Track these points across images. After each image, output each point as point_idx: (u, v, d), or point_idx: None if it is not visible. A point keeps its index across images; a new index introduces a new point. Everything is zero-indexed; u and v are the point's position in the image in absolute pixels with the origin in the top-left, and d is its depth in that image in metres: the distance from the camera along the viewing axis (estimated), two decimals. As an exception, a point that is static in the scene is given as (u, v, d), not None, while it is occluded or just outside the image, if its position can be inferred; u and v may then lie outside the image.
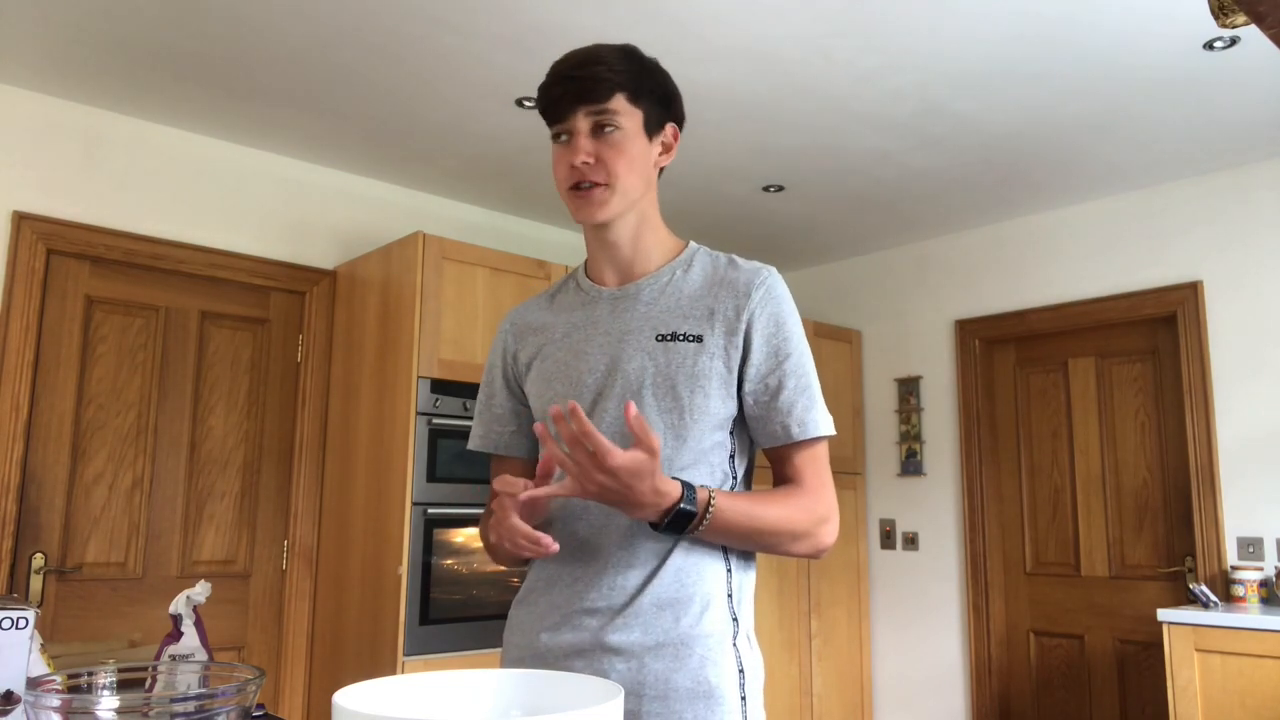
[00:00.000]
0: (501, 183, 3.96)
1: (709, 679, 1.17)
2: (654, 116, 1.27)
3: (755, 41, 2.78)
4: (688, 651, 1.17)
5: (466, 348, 3.38)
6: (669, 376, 1.22)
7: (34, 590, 3.03)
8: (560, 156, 1.25)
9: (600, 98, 1.21)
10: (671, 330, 1.24)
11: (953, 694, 4.34)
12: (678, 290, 1.28)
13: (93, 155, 3.27)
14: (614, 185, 1.23)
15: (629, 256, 1.30)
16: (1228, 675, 3.05)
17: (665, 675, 1.16)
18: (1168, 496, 3.85)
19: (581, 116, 1.22)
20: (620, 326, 1.27)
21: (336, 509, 3.55)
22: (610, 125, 1.22)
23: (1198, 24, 2.67)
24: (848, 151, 3.59)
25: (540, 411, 1.31)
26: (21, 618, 0.91)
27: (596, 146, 1.22)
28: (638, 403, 1.22)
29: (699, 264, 1.30)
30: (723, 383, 1.22)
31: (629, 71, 1.23)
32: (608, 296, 1.31)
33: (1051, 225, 4.23)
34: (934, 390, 4.58)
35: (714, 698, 1.17)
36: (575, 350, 1.29)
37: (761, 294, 1.25)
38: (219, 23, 2.72)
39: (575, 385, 1.26)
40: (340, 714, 0.69)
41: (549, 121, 1.26)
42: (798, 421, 1.22)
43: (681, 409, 1.21)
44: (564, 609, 1.22)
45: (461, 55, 2.89)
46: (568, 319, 1.33)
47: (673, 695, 1.16)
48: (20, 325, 3.06)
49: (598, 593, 1.20)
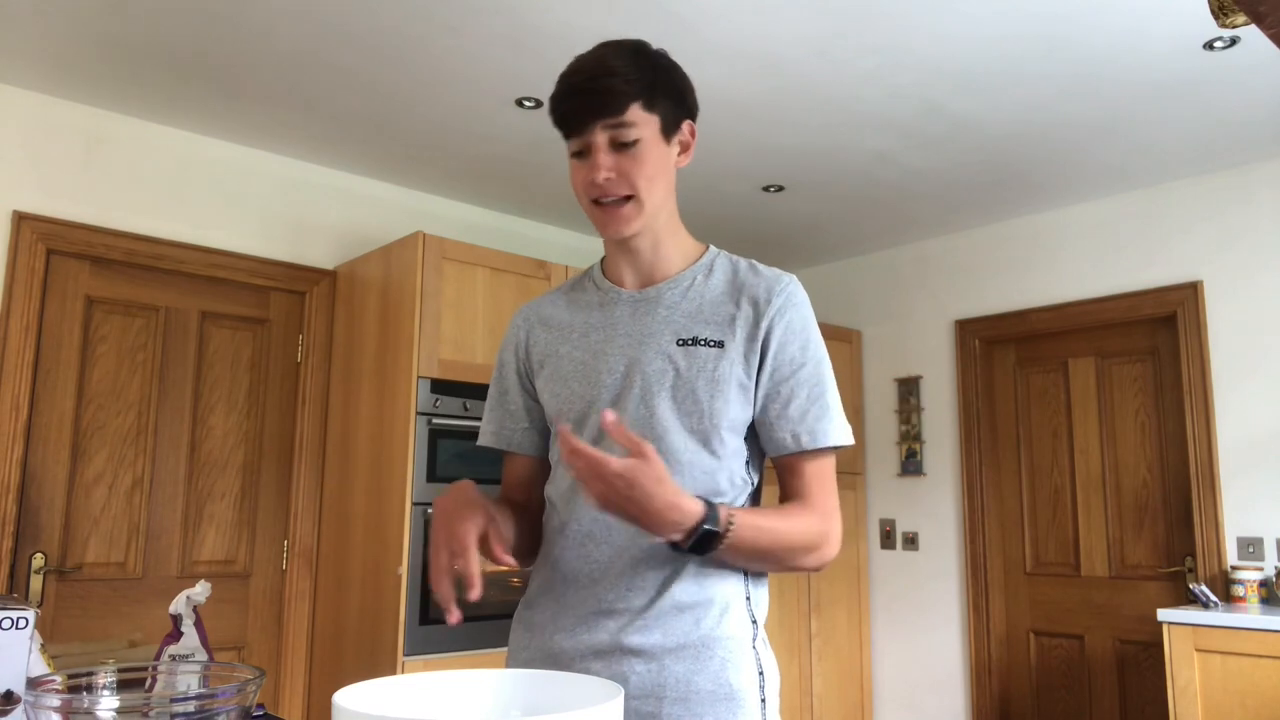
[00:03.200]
0: (501, 183, 3.96)
1: (730, 681, 1.17)
2: (670, 118, 1.25)
3: (755, 41, 2.78)
4: (709, 654, 1.17)
5: (466, 348, 3.38)
6: (689, 381, 1.21)
7: (34, 590, 3.03)
8: (578, 170, 1.23)
9: (616, 110, 1.19)
10: (693, 335, 1.24)
11: (953, 694, 4.34)
12: (699, 295, 1.27)
13: (93, 155, 3.27)
14: (638, 198, 1.22)
15: (649, 261, 1.30)
16: (1228, 675, 3.05)
17: (686, 677, 1.16)
18: (1168, 496, 3.85)
19: (598, 131, 1.19)
20: (641, 329, 1.26)
21: (336, 509, 3.55)
22: (628, 138, 1.20)
23: (1198, 24, 2.67)
24: (848, 151, 3.59)
25: (553, 410, 1.30)
26: (21, 618, 0.91)
27: (616, 160, 1.20)
28: (657, 406, 1.21)
29: (720, 269, 1.30)
30: (741, 389, 1.22)
31: (641, 78, 1.20)
32: (627, 299, 1.30)
33: (1051, 225, 4.23)
34: (934, 390, 4.58)
35: (735, 700, 1.16)
36: (594, 351, 1.28)
37: (782, 301, 1.24)
38: (219, 23, 2.72)
39: (594, 386, 1.25)
40: (340, 714, 0.69)
41: (564, 134, 1.24)
42: (808, 431, 1.21)
43: (702, 413, 1.20)
44: (579, 610, 1.21)
45: (461, 55, 2.89)
46: (585, 319, 1.32)
47: (694, 698, 1.16)
48: (20, 325, 3.06)
49: (616, 594, 1.19)
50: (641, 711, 1.16)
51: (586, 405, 1.25)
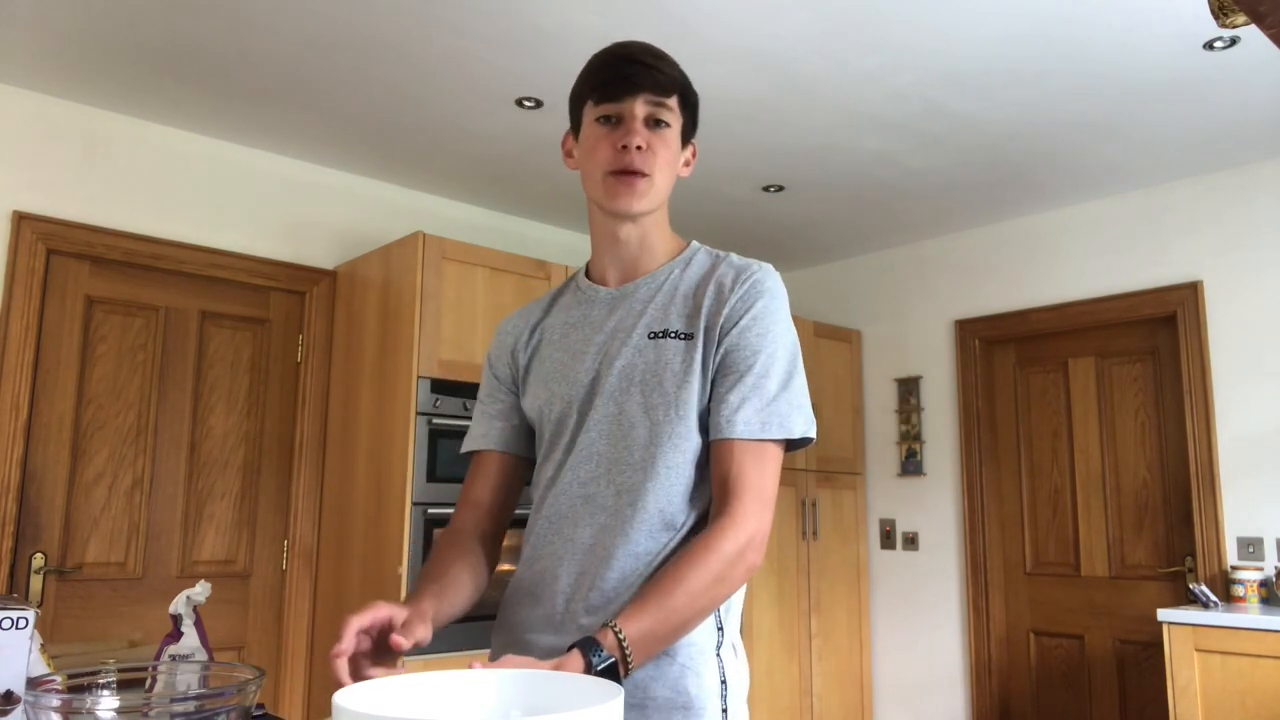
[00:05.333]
0: (501, 183, 3.96)
1: (688, 689, 1.13)
2: (688, 128, 1.29)
3: (755, 41, 2.78)
4: (668, 660, 1.13)
5: (466, 348, 3.38)
6: (657, 373, 1.20)
7: (34, 590, 3.03)
8: (606, 137, 1.23)
9: (664, 90, 1.22)
10: (664, 328, 1.23)
11: (953, 694, 4.34)
12: (673, 288, 1.27)
13: (93, 155, 3.27)
14: (654, 178, 1.23)
15: (635, 255, 1.30)
16: (1228, 675, 3.05)
17: (644, 684, 1.13)
18: (1168, 496, 3.85)
19: (641, 102, 1.21)
20: (614, 324, 1.26)
21: (336, 509, 3.55)
22: (664, 120, 1.23)
23: (1198, 24, 2.67)
24: (848, 151, 3.59)
25: (535, 412, 1.30)
26: (21, 618, 0.91)
27: (649, 136, 1.22)
28: (625, 401, 1.21)
29: (697, 263, 1.30)
30: (705, 381, 1.20)
31: (682, 79, 1.25)
32: (605, 296, 1.30)
33: (1051, 225, 4.23)
34: (934, 390, 4.58)
35: (692, 709, 1.13)
36: (572, 350, 1.28)
37: (745, 289, 1.22)
38: (219, 23, 2.72)
39: (572, 385, 1.25)
40: (340, 714, 0.69)
41: (598, 99, 1.23)
42: (744, 419, 1.15)
43: (668, 404, 1.19)
44: (547, 610, 1.20)
45: (461, 55, 2.88)
46: (564, 319, 1.33)
47: (650, 705, 1.12)
48: (20, 325, 3.06)
49: (580, 595, 1.18)
50: None
51: (566, 405, 1.25)
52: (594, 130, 1.24)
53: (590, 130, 1.25)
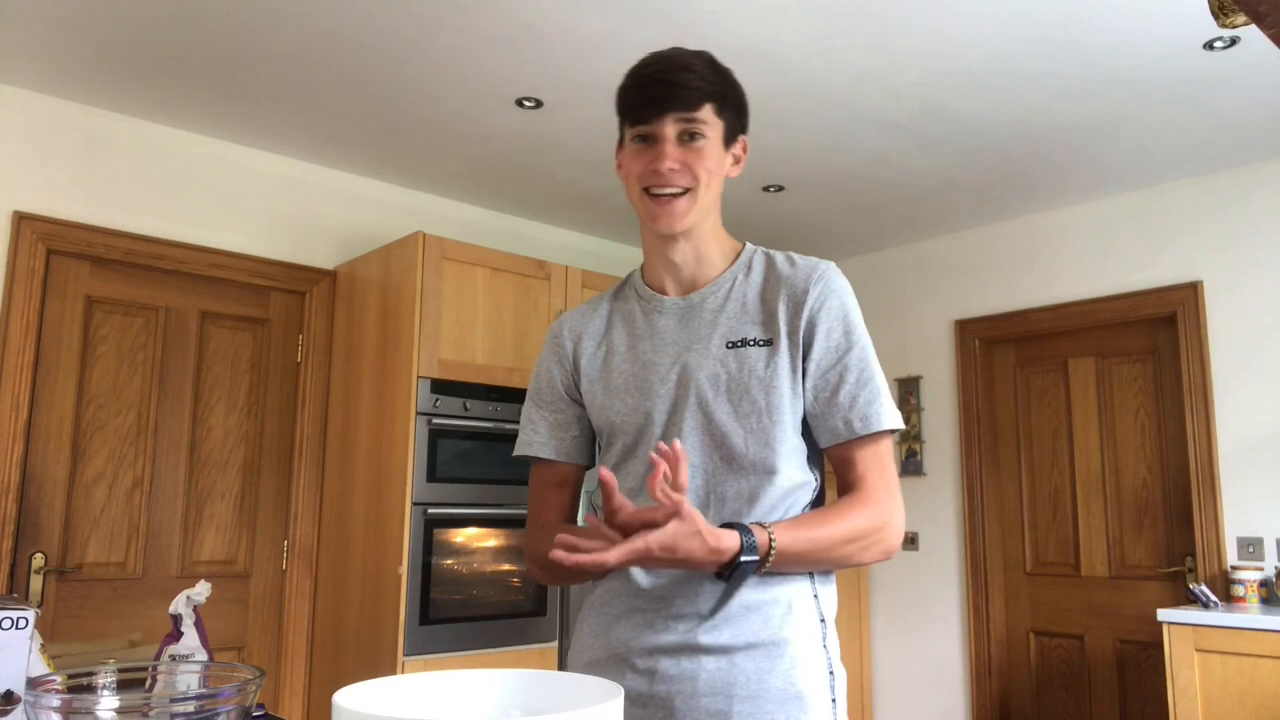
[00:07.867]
0: (501, 183, 3.96)
1: (798, 681, 1.16)
2: (731, 127, 1.27)
3: (755, 41, 2.78)
4: (779, 652, 1.17)
5: (466, 348, 3.38)
6: (743, 383, 1.22)
7: (34, 590, 3.03)
8: (638, 156, 1.24)
9: (692, 105, 1.21)
10: (741, 337, 1.24)
11: (953, 694, 4.34)
12: (741, 295, 1.28)
13: (93, 155, 3.27)
14: (695, 193, 1.23)
15: (692, 266, 1.30)
16: (1228, 675, 3.05)
17: (758, 675, 1.16)
18: (1168, 496, 3.85)
19: (670, 122, 1.21)
20: (689, 336, 1.27)
21: (336, 509, 3.55)
22: (697, 134, 1.22)
23: (1198, 24, 2.67)
24: (848, 151, 3.59)
25: (606, 424, 1.30)
26: (21, 618, 0.91)
27: (681, 153, 1.22)
28: (715, 411, 1.22)
29: (758, 266, 1.30)
30: (793, 384, 1.22)
31: (716, 82, 1.23)
32: (672, 306, 1.30)
33: (1051, 225, 4.23)
34: (934, 390, 4.58)
35: (804, 700, 1.16)
36: (644, 362, 1.28)
37: (819, 289, 1.24)
38: (219, 23, 2.72)
39: (648, 397, 1.26)
40: (340, 714, 0.69)
41: (631, 121, 1.25)
42: (859, 416, 1.20)
43: (760, 413, 1.20)
44: (647, 613, 1.21)
45: (461, 55, 2.88)
46: (631, 329, 1.33)
47: (764, 695, 1.15)
48: (20, 325, 3.06)
49: (684, 599, 1.19)
50: (711, 710, 1.15)
51: (643, 417, 1.26)
52: (631, 148, 1.26)
53: (629, 148, 1.26)
